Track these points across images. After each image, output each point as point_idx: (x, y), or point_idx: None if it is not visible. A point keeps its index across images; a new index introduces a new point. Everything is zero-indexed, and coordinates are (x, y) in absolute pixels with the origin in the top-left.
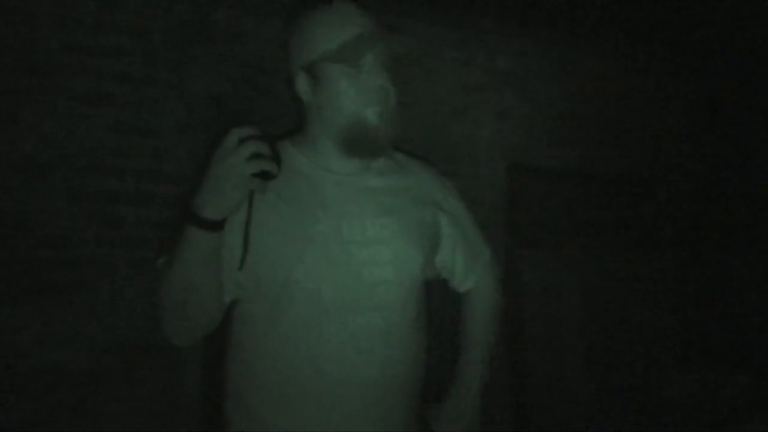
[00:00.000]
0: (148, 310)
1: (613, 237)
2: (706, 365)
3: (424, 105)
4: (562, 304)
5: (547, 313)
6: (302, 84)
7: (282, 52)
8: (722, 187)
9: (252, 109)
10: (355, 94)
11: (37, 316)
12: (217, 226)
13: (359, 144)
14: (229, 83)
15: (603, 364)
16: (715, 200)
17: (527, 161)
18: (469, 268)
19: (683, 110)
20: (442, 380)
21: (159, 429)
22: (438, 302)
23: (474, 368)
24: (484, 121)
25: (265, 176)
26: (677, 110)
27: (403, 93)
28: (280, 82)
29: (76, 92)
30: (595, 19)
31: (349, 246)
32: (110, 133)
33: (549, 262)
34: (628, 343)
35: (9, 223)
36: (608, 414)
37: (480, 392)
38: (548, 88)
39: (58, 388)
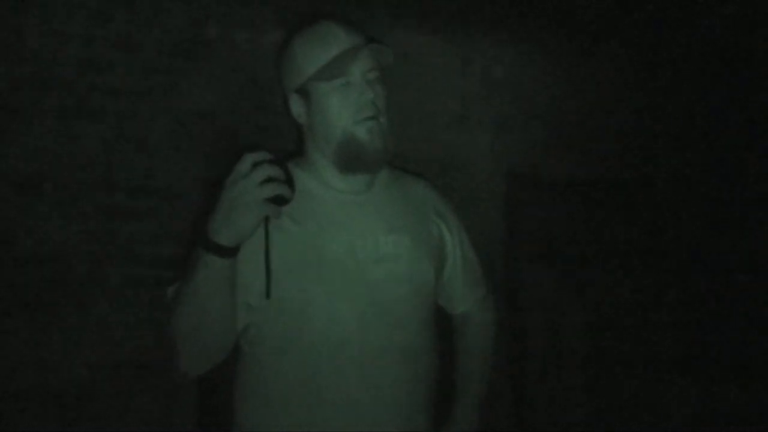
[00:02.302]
0: (142, 328)
1: (615, 247)
2: (707, 376)
3: (420, 115)
4: (562, 316)
5: (547, 325)
6: (296, 106)
7: (276, 75)
8: (726, 196)
9: (245, 123)
10: (345, 111)
11: (29, 334)
12: (231, 252)
13: (353, 161)
14: (221, 97)
15: (604, 375)
16: (719, 208)
17: (526, 171)
18: (467, 291)
19: (686, 117)
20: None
21: None
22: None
23: (472, 403)
24: (481, 131)
25: (279, 201)
26: (680, 117)
27: (400, 103)
28: (273, 96)
29: (67, 106)
30: (592, 26)
31: (364, 264)
32: (101, 147)
33: (549, 273)
34: (629, 354)
35: None
36: (609, 426)
37: (476, 426)
38: (546, 96)
39: (51, 408)
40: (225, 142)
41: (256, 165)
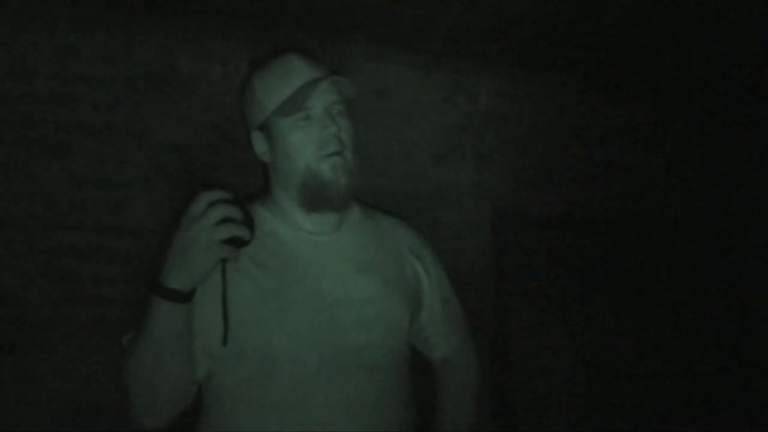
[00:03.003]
0: (108, 371)
1: (604, 283)
2: (705, 418)
3: (402, 149)
4: (551, 355)
5: (536, 364)
6: (259, 144)
7: (239, 112)
8: (717, 229)
9: (219, 159)
10: (307, 147)
11: None
12: (185, 297)
13: (316, 199)
14: (194, 132)
15: (596, 418)
16: (711, 243)
17: (512, 206)
18: (446, 334)
19: (672, 150)
20: None
21: None
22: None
23: None
24: (465, 165)
25: (236, 242)
26: (666, 151)
27: (382, 138)
28: (246, 131)
29: (32, 143)
30: (578, 60)
31: (332, 308)
32: (67, 185)
33: (537, 311)
34: (623, 397)
35: None
36: None
37: None
38: (531, 129)
39: None
40: (198, 178)
41: (211, 204)
